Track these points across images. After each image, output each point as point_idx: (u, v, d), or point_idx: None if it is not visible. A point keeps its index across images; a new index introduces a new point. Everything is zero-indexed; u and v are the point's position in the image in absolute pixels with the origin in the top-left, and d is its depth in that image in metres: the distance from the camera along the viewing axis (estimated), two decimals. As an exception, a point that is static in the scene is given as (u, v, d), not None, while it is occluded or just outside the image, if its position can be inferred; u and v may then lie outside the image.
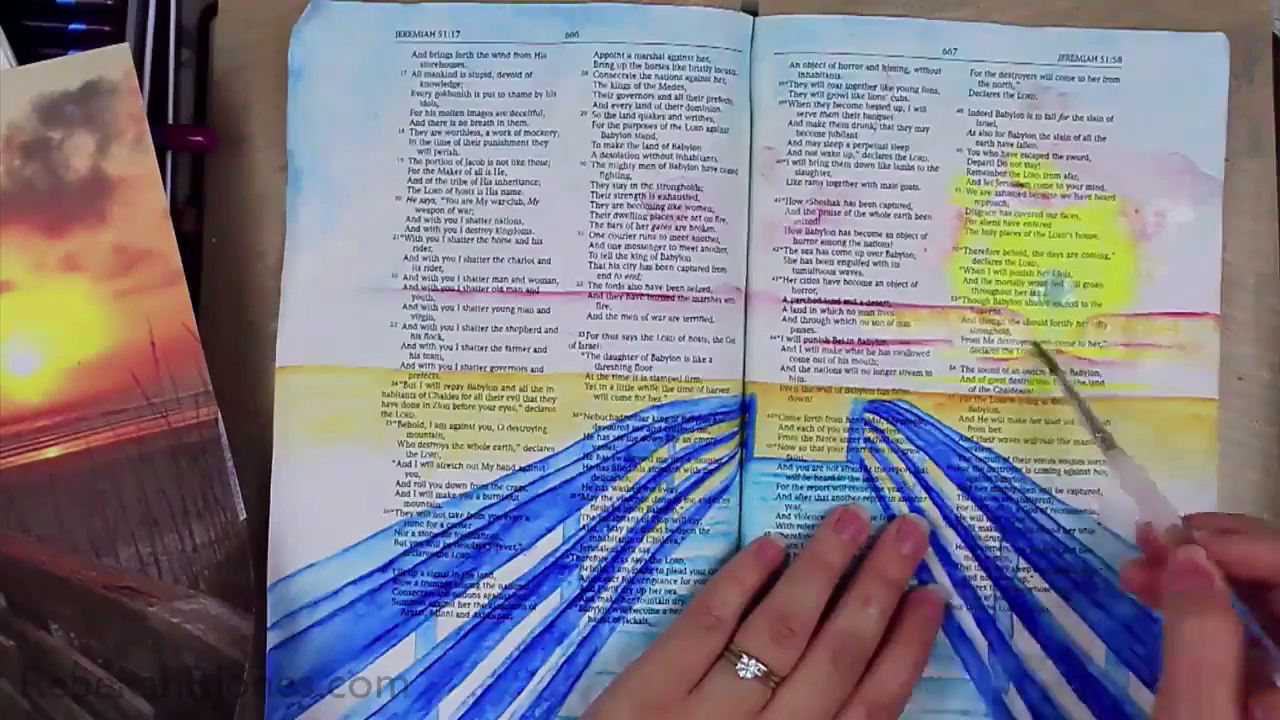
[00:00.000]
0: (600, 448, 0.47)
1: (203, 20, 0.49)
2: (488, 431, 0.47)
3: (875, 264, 0.47)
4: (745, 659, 0.42)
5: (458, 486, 0.47)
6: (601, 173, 0.47)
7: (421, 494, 0.47)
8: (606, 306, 0.47)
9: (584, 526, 0.46)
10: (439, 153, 0.48)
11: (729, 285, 0.47)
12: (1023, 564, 0.46)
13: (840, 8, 0.48)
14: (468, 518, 0.47)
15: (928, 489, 0.47)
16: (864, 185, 0.47)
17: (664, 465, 0.46)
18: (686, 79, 0.47)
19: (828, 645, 0.42)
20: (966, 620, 0.46)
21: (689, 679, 0.42)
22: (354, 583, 0.46)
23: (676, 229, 0.47)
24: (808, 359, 0.47)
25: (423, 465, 0.47)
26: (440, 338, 0.47)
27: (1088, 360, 0.47)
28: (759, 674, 0.41)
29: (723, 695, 0.41)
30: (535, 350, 0.47)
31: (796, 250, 0.47)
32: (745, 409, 0.47)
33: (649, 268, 0.47)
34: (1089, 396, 0.46)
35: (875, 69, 0.48)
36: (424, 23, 0.48)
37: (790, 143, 0.47)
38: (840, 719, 0.42)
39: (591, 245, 0.47)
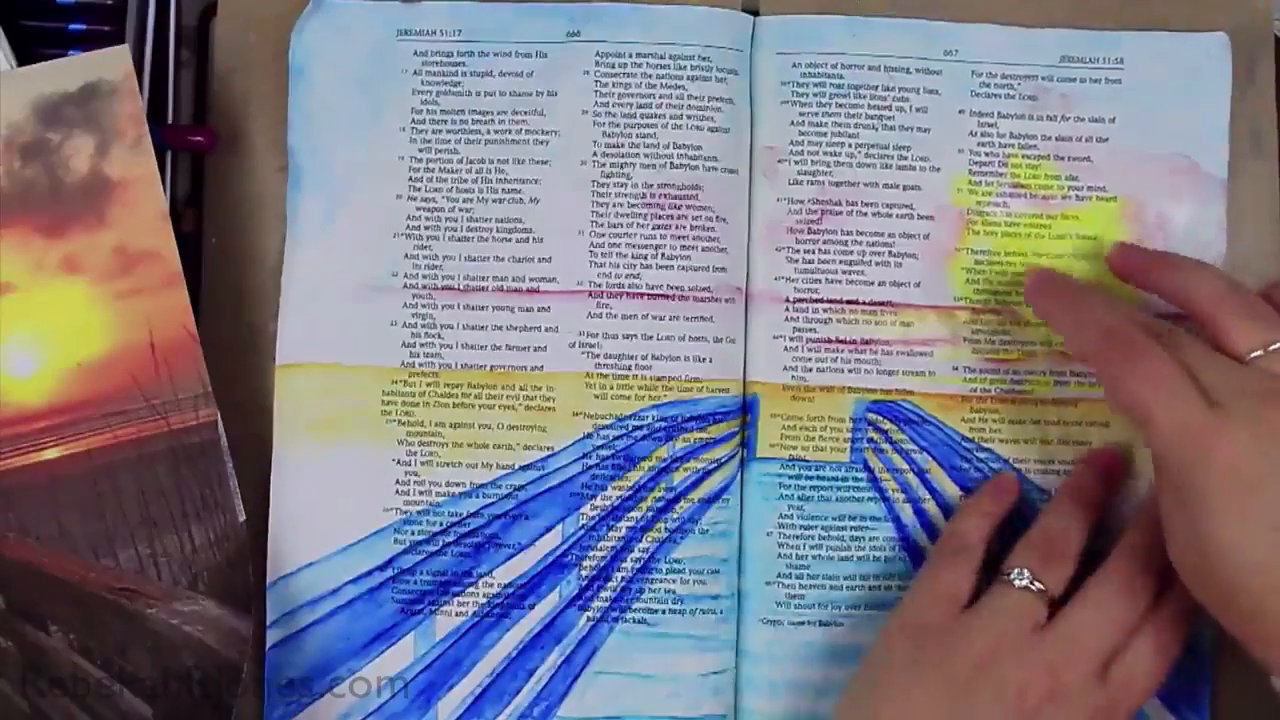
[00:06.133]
0: (600, 447, 0.46)
1: (203, 20, 0.49)
2: (487, 430, 0.47)
3: (877, 264, 0.47)
4: (1018, 570, 0.41)
5: (457, 485, 0.47)
6: (602, 172, 0.47)
7: (421, 492, 0.47)
8: (607, 306, 0.47)
9: (583, 526, 0.46)
10: (440, 151, 0.47)
11: (730, 285, 0.47)
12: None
13: (841, 8, 0.48)
14: (467, 516, 0.47)
15: (931, 490, 0.47)
16: (866, 185, 0.47)
17: (663, 465, 0.46)
18: (688, 79, 0.47)
19: (1120, 560, 0.41)
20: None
21: (955, 599, 0.42)
22: (353, 581, 0.46)
23: (677, 229, 0.47)
24: (810, 359, 0.47)
25: (422, 464, 0.47)
26: (440, 336, 0.47)
27: (1090, 360, 0.47)
28: (1033, 586, 0.41)
29: (998, 608, 0.41)
30: (535, 349, 0.47)
31: (798, 250, 0.47)
32: (747, 409, 0.47)
33: (649, 267, 0.47)
34: (1092, 399, 0.46)
35: (877, 69, 0.47)
36: (425, 21, 0.48)
37: (792, 143, 0.47)
38: (1128, 646, 0.40)
39: (592, 244, 0.47)
